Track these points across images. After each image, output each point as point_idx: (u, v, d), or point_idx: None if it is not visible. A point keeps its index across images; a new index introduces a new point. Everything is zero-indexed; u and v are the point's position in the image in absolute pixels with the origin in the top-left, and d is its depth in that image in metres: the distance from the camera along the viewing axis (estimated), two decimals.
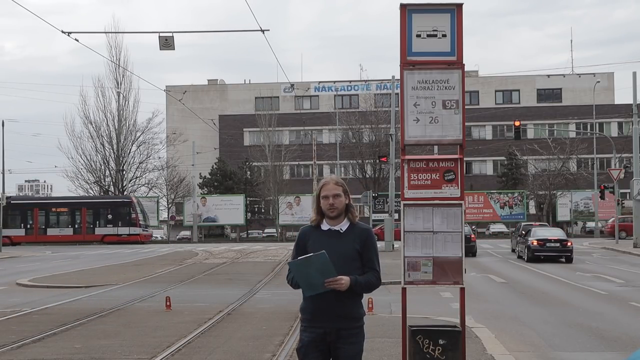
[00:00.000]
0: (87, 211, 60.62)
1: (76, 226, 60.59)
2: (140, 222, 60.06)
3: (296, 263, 5.06)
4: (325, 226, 5.30)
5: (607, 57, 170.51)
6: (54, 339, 11.97)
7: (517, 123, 45.19)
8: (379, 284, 5.30)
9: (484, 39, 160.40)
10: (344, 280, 5.02)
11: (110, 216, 60.08)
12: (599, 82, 77.58)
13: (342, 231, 5.27)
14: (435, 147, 42.56)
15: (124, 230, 59.36)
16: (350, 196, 5.39)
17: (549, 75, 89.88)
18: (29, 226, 60.54)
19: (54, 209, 62.01)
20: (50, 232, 60.53)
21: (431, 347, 7.03)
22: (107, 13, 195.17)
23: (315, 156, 71.98)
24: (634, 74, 41.96)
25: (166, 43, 24.46)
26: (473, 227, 54.55)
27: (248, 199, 72.33)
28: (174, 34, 24.67)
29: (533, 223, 47.20)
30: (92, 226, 60.34)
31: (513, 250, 39.42)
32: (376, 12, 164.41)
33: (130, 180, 73.44)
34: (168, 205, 76.21)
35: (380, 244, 22.49)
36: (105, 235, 59.39)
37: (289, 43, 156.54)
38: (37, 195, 71.55)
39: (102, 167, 72.03)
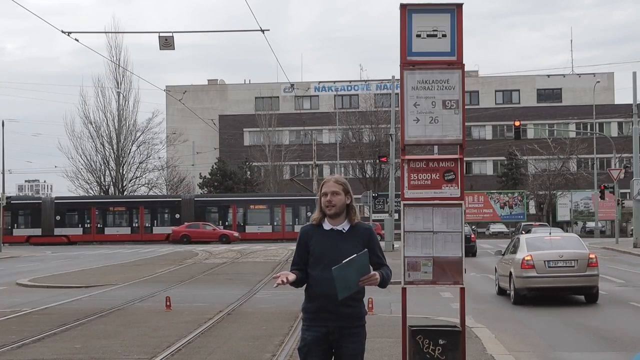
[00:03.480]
0: (286, 209, 58.88)
1: (275, 224, 59.03)
2: None
3: (340, 268, 4.92)
4: (327, 225, 5.29)
5: (607, 57, 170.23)
6: (54, 339, 11.98)
7: (517, 123, 45.17)
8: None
9: (483, 40, 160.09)
10: (377, 275, 5.07)
11: (309, 214, 57.89)
12: (599, 82, 77.50)
13: (344, 231, 5.27)
14: (435, 147, 42.49)
15: None
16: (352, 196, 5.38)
17: (549, 75, 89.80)
18: (227, 223, 59.31)
19: (252, 206, 60.27)
20: (249, 229, 58.83)
21: (431, 347, 7.03)
22: (108, 14, 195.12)
23: (315, 156, 71.84)
24: (634, 74, 41.93)
25: (166, 43, 24.41)
26: (473, 227, 54.52)
27: None
28: (174, 34, 24.58)
29: (533, 223, 47.26)
30: (291, 224, 58.42)
31: None
32: (376, 12, 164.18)
33: (130, 180, 73.45)
34: None
35: (380, 244, 22.38)
36: None
37: (289, 43, 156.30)
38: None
39: (102, 167, 72.01)
